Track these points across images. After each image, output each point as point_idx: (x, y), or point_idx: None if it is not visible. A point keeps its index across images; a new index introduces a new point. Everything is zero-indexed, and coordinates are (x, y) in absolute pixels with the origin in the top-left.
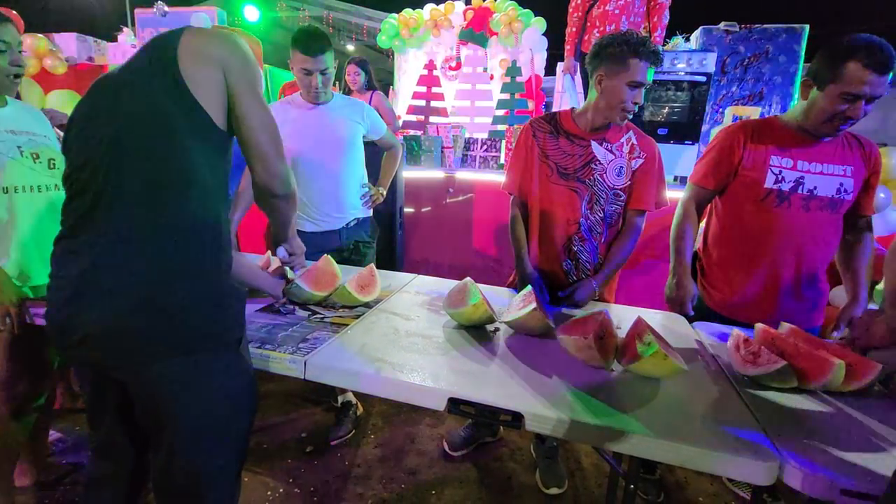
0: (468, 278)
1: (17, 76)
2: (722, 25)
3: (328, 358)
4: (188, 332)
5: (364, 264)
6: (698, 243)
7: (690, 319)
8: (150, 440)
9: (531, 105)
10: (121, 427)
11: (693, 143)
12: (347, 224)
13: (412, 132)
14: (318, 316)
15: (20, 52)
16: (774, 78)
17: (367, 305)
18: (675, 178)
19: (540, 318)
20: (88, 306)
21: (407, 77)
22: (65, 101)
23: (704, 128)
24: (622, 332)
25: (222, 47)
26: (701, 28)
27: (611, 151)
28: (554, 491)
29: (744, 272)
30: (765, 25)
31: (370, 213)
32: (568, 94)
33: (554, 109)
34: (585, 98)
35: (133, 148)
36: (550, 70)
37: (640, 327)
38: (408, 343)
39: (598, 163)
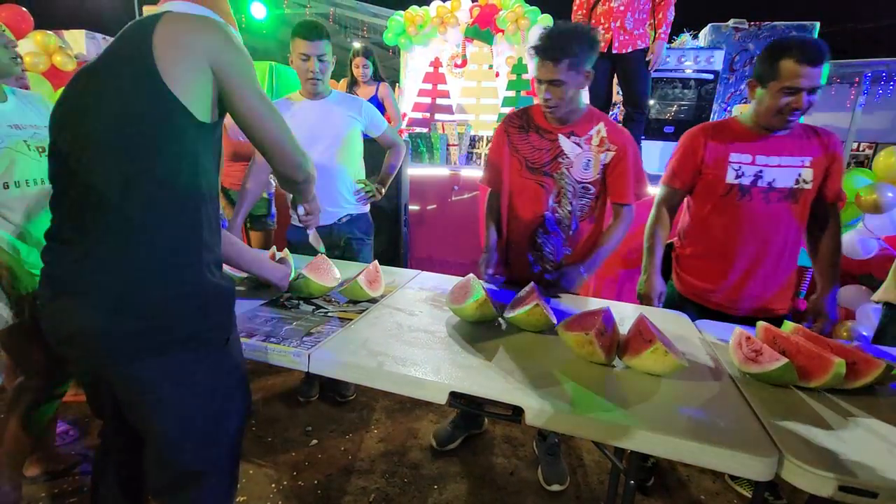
0: (471, 275)
1: (16, 58)
2: (731, 23)
3: (332, 351)
4: (168, 331)
5: (358, 261)
6: (674, 236)
7: (672, 307)
8: (140, 436)
9: (536, 99)
10: (120, 419)
11: None
12: (339, 220)
13: (418, 129)
14: (323, 311)
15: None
16: None
17: (372, 301)
18: None
19: (541, 315)
20: (69, 306)
21: (413, 75)
22: None
23: None
24: (624, 329)
25: (206, 36)
26: (710, 25)
27: (578, 145)
28: (556, 488)
29: (713, 262)
30: (774, 23)
31: (366, 209)
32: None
33: None
34: (591, 95)
35: (107, 149)
36: None
37: (642, 324)
38: (411, 338)
39: (565, 156)
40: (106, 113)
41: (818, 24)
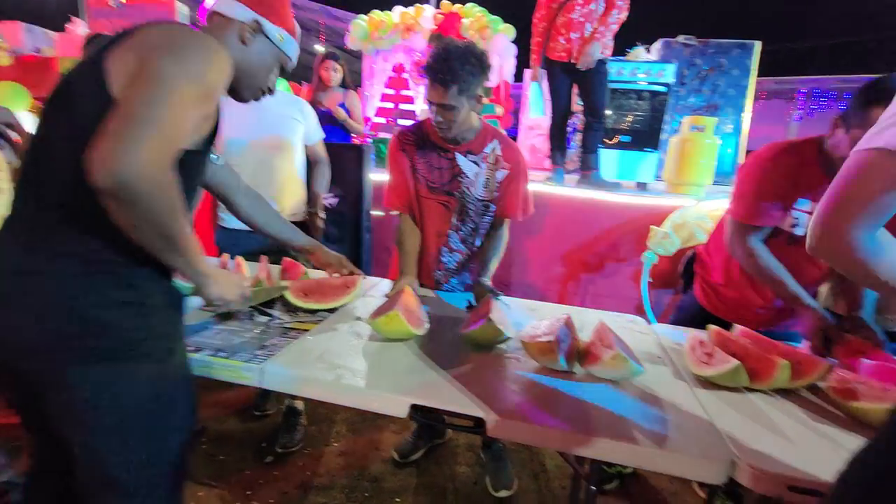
0: (408, 283)
1: None
2: (681, 38)
3: (287, 365)
4: (104, 341)
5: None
6: (701, 245)
7: (690, 322)
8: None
9: (499, 111)
10: (51, 437)
11: (653, 151)
12: None
13: (382, 135)
14: (278, 321)
15: None
16: (728, 90)
17: (330, 310)
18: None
19: (495, 331)
20: (2, 311)
21: (376, 79)
22: (9, 95)
23: (663, 136)
24: (585, 336)
25: (157, 31)
26: (661, 41)
27: (476, 163)
28: (503, 494)
29: (742, 289)
30: (720, 40)
31: (305, 216)
32: (535, 102)
33: (521, 116)
34: (553, 106)
35: (52, 156)
36: (519, 77)
37: (602, 331)
38: (370, 349)
39: (464, 176)
40: (56, 122)
41: (758, 44)
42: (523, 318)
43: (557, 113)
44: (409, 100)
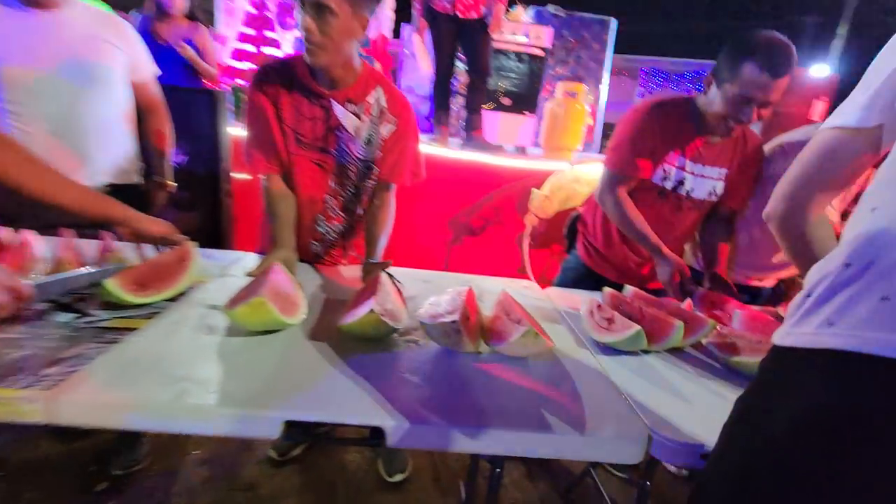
0: (280, 259)
1: None
2: (550, 8)
3: (99, 385)
4: None
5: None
6: (583, 206)
7: (575, 282)
8: None
9: (378, 66)
10: None
11: (531, 114)
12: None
13: (240, 81)
14: (89, 320)
15: None
16: (590, 64)
17: (171, 300)
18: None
19: (378, 322)
20: None
21: (232, 17)
22: None
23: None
24: (485, 307)
25: None
26: (534, 9)
27: (357, 115)
28: (398, 478)
29: (619, 247)
30: (582, 14)
31: (135, 179)
32: (417, 55)
33: (401, 73)
34: (436, 61)
35: None
36: (397, 33)
37: (507, 303)
38: (227, 348)
39: (342, 130)
40: None
41: (615, 21)
42: (418, 292)
43: (441, 69)
44: (275, 43)
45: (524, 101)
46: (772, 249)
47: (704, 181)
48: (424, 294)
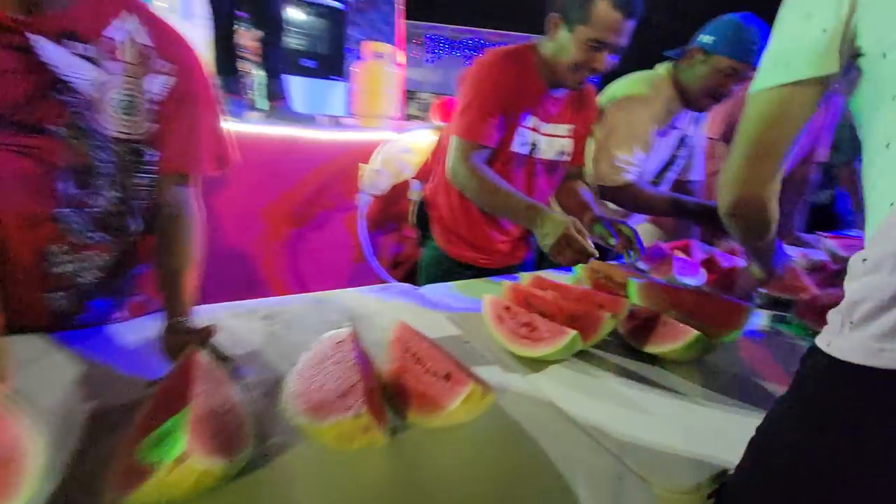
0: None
1: None
2: None
3: None
4: None
5: None
6: (429, 188)
7: (442, 276)
8: None
9: None
10: None
11: (340, 79)
12: None
13: None
14: None
15: None
16: (382, 26)
17: None
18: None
19: (192, 475)
20: None
21: None
22: None
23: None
24: (375, 351)
25: None
26: None
27: (92, 61)
28: None
29: (478, 223)
30: None
31: None
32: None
33: None
34: (213, 9)
35: None
36: None
37: (410, 344)
38: None
39: (68, 89)
40: None
41: None
42: (258, 343)
43: (220, 19)
44: None
45: (329, 63)
46: None
47: (553, 140)
48: (271, 342)
